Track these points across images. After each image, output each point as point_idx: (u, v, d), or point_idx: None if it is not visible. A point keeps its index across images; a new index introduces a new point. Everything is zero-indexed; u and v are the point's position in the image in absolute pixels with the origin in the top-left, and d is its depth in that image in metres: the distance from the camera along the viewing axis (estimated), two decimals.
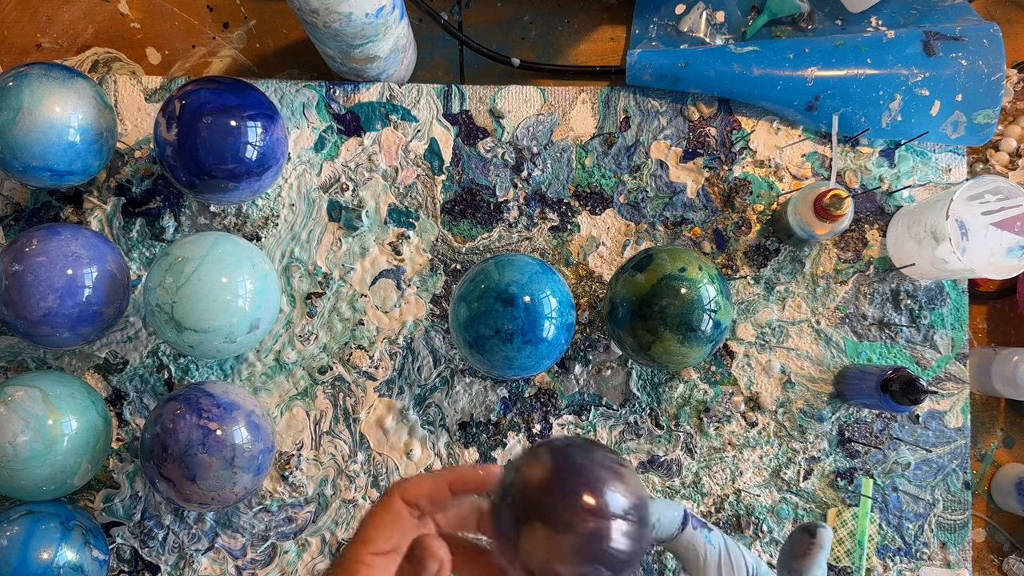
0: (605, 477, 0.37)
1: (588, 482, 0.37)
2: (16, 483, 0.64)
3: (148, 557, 0.74)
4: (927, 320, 0.76)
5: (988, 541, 0.77)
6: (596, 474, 0.37)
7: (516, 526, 0.37)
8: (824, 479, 0.75)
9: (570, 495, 0.36)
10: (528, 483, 0.38)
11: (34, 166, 0.67)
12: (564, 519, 0.36)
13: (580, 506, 0.36)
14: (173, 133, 0.65)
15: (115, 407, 0.75)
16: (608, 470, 0.37)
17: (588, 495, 0.36)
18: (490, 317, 0.63)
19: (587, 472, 0.37)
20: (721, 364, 0.76)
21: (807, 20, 0.79)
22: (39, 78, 0.66)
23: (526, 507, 0.37)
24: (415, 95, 0.77)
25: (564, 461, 0.38)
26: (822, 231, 0.69)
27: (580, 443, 0.39)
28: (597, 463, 0.38)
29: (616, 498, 0.36)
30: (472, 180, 0.77)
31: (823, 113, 0.75)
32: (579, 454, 0.38)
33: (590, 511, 0.36)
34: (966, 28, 0.75)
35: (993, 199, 0.69)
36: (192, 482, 0.64)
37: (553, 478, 0.37)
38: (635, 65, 0.76)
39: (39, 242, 0.65)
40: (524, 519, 0.37)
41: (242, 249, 0.67)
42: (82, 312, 0.65)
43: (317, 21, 0.63)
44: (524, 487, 0.38)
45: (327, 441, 0.75)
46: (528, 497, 0.37)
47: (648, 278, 0.64)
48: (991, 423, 0.78)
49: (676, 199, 0.77)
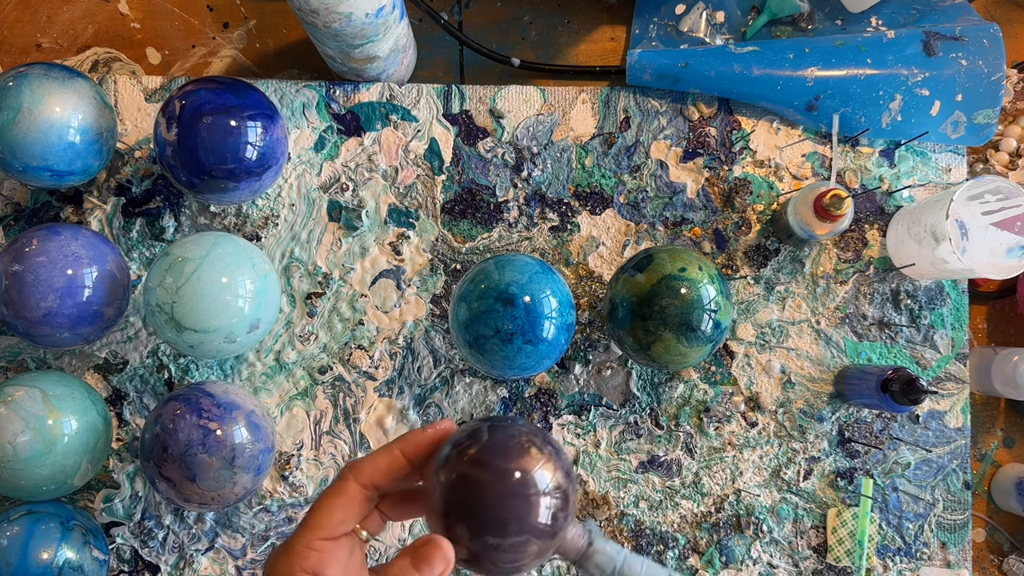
0: (532, 454, 0.39)
1: (516, 459, 0.38)
2: (16, 483, 0.64)
3: (148, 557, 0.74)
4: (927, 320, 0.76)
5: (988, 541, 0.77)
6: (523, 451, 0.39)
7: (446, 503, 0.38)
8: (824, 479, 0.75)
9: (500, 472, 0.38)
10: (460, 460, 0.39)
11: (34, 166, 0.67)
12: (494, 496, 0.37)
13: (510, 484, 0.38)
14: (173, 133, 0.65)
15: (115, 407, 0.75)
16: (530, 446, 0.39)
17: (517, 471, 0.38)
18: (490, 317, 0.63)
19: (515, 450, 0.39)
20: (721, 364, 0.76)
21: (807, 20, 0.79)
22: (39, 78, 0.66)
23: (458, 484, 0.38)
24: (415, 95, 0.77)
25: (492, 438, 0.39)
26: (822, 231, 0.69)
27: (506, 422, 0.41)
28: (521, 440, 0.39)
29: (543, 475, 0.38)
30: (472, 180, 0.77)
31: (823, 113, 0.75)
32: (504, 431, 0.39)
33: (518, 488, 0.38)
34: (966, 28, 0.75)
35: (993, 199, 0.69)
36: (192, 482, 0.64)
37: (483, 456, 0.38)
38: (635, 65, 0.76)
39: (39, 242, 0.65)
40: (456, 500, 0.38)
41: (242, 249, 0.67)
42: (82, 312, 0.65)
43: (317, 21, 0.63)
44: (456, 464, 0.39)
45: (327, 441, 0.75)
46: (460, 475, 0.38)
47: (648, 278, 0.64)
48: (991, 423, 0.78)
49: (676, 199, 0.77)
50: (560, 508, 0.38)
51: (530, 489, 0.37)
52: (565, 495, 0.39)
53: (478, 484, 0.37)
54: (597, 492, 0.75)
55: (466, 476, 0.38)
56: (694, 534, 0.75)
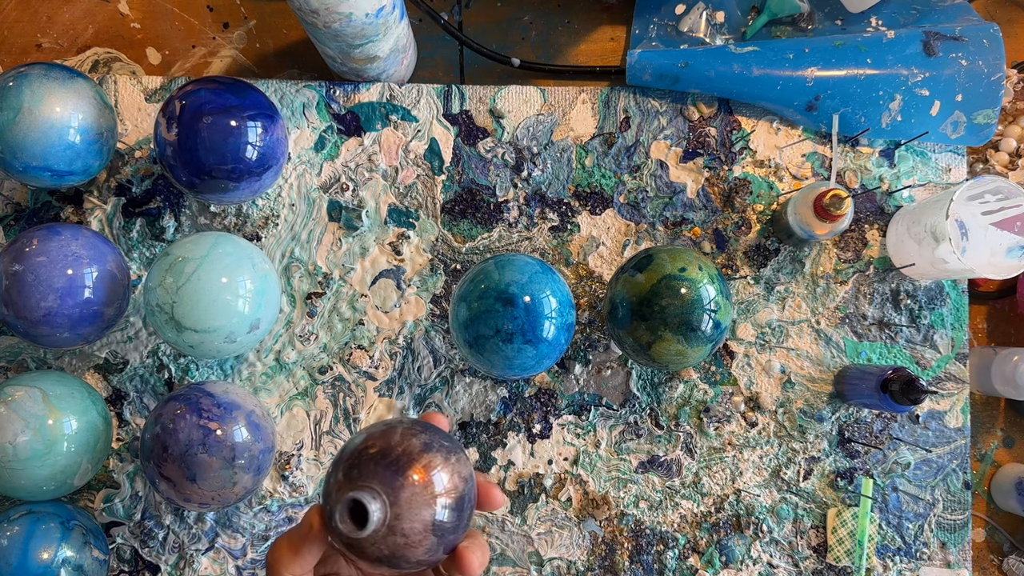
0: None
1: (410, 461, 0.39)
2: (16, 483, 0.64)
3: (148, 557, 0.74)
4: (927, 320, 0.76)
5: (988, 541, 0.77)
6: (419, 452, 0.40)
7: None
8: (824, 479, 0.75)
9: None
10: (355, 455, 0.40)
11: (34, 166, 0.67)
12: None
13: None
14: (173, 133, 0.65)
15: (115, 407, 0.75)
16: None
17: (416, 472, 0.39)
18: (490, 317, 0.63)
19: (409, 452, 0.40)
20: (721, 364, 0.76)
21: (807, 20, 0.79)
22: (39, 78, 0.66)
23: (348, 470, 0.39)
24: (415, 95, 0.77)
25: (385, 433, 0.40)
26: (822, 231, 0.69)
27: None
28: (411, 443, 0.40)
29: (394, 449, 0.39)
30: (472, 180, 0.77)
31: (823, 113, 0.75)
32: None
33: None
34: (966, 28, 0.75)
35: (993, 199, 0.69)
36: (192, 482, 0.64)
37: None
38: (635, 65, 0.76)
39: (39, 242, 0.65)
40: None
41: (242, 249, 0.67)
42: (82, 312, 0.65)
43: (317, 21, 0.63)
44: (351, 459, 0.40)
45: (327, 441, 0.75)
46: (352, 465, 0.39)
47: (648, 278, 0.64)
48: (991, 423, 0.78)
49: (676, 199, 0.77)
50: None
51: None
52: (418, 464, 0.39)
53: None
54: (597, 492, 0.75)
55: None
56: (694, 534, 0.75)
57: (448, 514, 0.39)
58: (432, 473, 0.39)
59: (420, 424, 0.41)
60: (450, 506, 0.39)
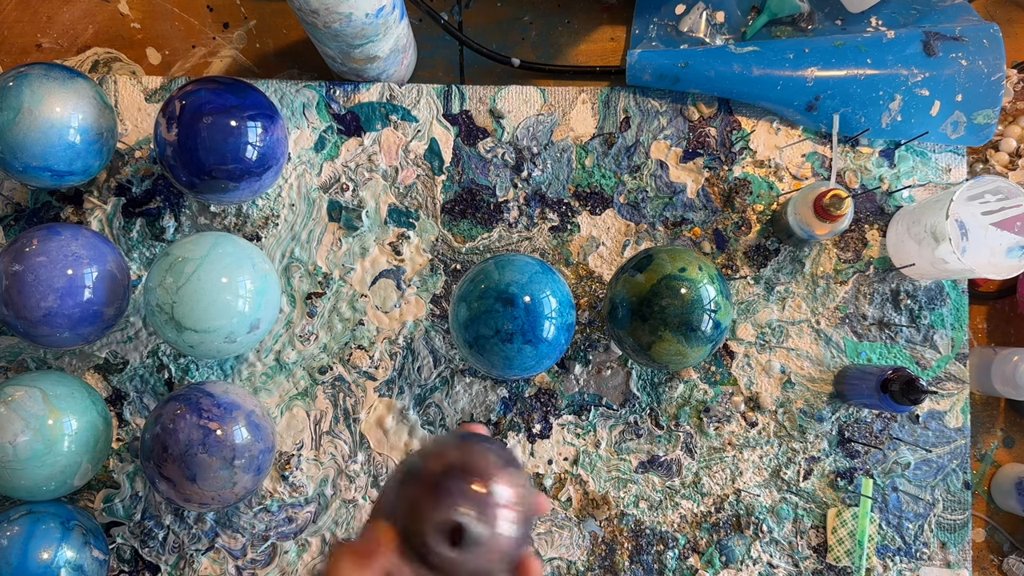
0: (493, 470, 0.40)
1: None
2: (16, 483, 0.64)
3: (148, 557, 0.74)
4: (927, 320, 0.76)
5: (988, 541, 0.77)
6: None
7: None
8: (824, 479, 0.75)
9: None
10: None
11: (34, 166, 0.67)
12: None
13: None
14: (173, 133, 0.65)
15: (115, 407, 0.75)
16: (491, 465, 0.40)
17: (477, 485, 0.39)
18: (490, 317, 0.63)
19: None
20: (721, 364, 0.76)
21: (807, 20, 0.79)
22: (39, 78, 0.66)
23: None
24: (415, 95, 0.77)
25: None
26: (822, 231, 0.69)
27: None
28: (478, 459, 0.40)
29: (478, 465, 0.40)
30: (472, 180, 0.77)
31: (823, 113, 0.75)
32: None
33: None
34: (966, 28, 0.75)
35: (993, 199, 0.69)
36: (192, 482, 0.64)
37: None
38: (635, 65, 0.76)
39: (39, 242, 0.65)
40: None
41: (242, 249, 0.67)
42: (82, 312, 0.65)
43: (317, 21, 0.63)
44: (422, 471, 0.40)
45: (327, 441, 0.75)
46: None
47: (648, 278, 0.64)
48: (991, 423, 0.78)
49: (676, 199, 0.77)
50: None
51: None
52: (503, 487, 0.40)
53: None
54: (597, 492, 0.75)
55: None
56: (694, 534, 0.75)
57: (525, 528, 0.39)
58: (515, 489, 0.39)
59: (486, 439, 0.41)
60: (525, 519, 0.39)
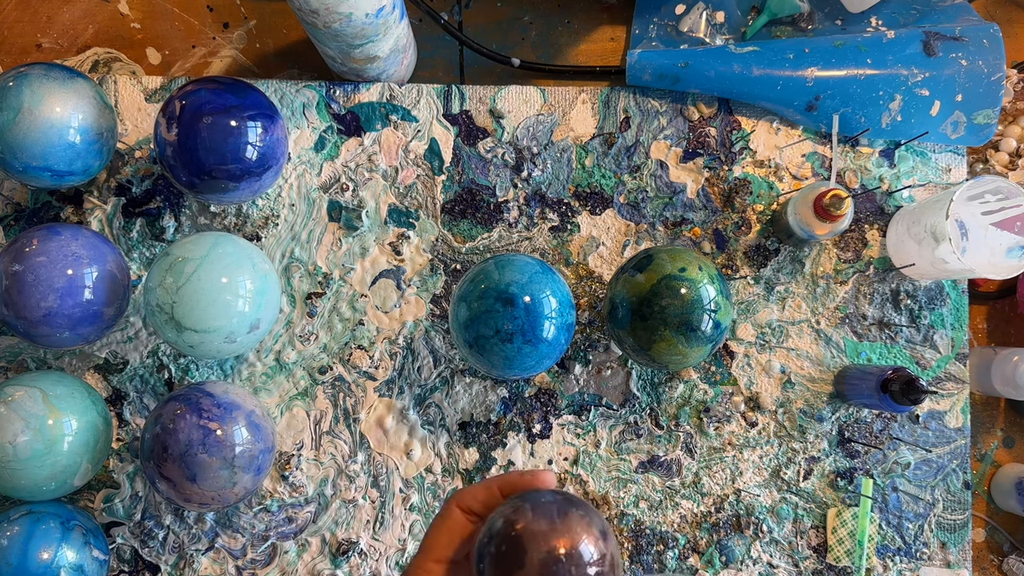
0: (579, 532, 0.39)
1: (564, 537, 0.38)
2: (16, 483, 0.64)
3: (148, 557, 0.74)
4: (927, 320, 0.76)
5: (988, 541, 0.77)
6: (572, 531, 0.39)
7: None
8: (824, 479, 0.75)
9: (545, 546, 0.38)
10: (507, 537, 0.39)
11: (34, 166, 0.67)
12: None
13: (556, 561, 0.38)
14: (173, 133, 0.65)
15: (115, 407, 0.75)
16: (582, 524, 0.39)
17: (563, 549, 0.38)
18: (490, 317, 0.63)
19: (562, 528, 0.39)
20: (721, 364, 0.76)
21: (807, 20, 0.79)
22: (39, 78, 0.66)
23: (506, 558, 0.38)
24: (415, 95, 0.77)
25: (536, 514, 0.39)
26: (822, 231, 0.69)
27: (564, 499, 0.41)
28: (573, 519, 0.39)
29: (588, 550, 0.38)
30: (472, 180, 0.77)
31: (823, 113, 0.75)
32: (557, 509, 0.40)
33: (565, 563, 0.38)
34: (966, 28, 0.75)
35: (993, 199, 0.69)
36: (192, 482, 0.64)
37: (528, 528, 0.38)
38: (635, 65, 0.76)
39: (39, 242, 0.65)
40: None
41: (242, 249, 0.67)
42: (82, 312, 0.65)
43: (317, 21, 0.63)
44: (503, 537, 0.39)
45: (327, 441, 0.75)
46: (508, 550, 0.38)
47: (648, 278, 0.64)
48: (991, 423, 0.78)
49: (676, 199, 0.77)
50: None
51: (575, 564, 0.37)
52: (611, 563, 0.39)
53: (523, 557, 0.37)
54: (597, 492, 0.75)
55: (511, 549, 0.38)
56: (694, 534, 0.75)
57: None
58: (615, 555, 0.39)
59: (582, 504, 0.40)
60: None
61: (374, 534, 0.74)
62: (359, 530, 0.74)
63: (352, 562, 0.74)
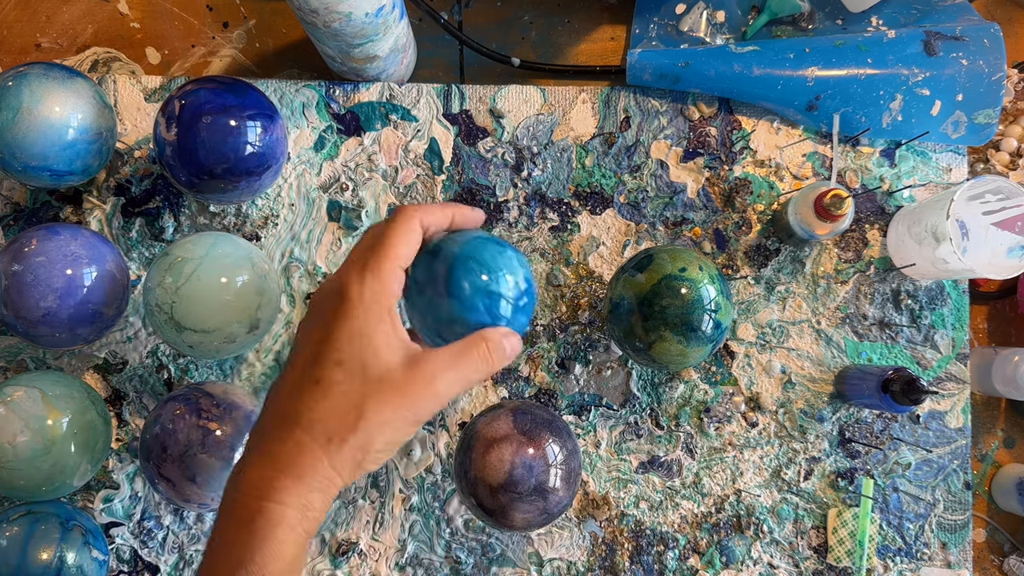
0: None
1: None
2: (15, 483, 0.64)
3: (148, 557, 0.74)
4: (927, 320, 0.76)
5: (988, 541, 0.77)
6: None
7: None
8: (825, 479, 0.75)
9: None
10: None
11: (33, 166, 0.67)
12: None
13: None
14: (173, 133, 0.65)
15: (115, 407, 0.75)
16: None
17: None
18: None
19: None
20: (721, 364, 0.76)
21: (807, 20, 0.79)
22: (38, 78, 0.66)
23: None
24: (415, 95, 0.77)
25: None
26: (822, 231, 0.69)
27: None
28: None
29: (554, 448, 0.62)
30: (472, 180, 0.77)
31: (823, 113, 0.75)
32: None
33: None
34: (967, 28, 0.75)
35: (994, 199, 0.69)
36: (192, 482, 0.64)
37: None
38: (635, 65, 0.76)
39: (38, 242, 0.65)
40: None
41: (242, 249, 0.67)
42: (82, 312, 0.65)
43: (317, 21, 0.63)
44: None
45: None
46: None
47: (648, 278, 0.64)
48: (992, 423, 0.78)
49: (676, 199, 0.77)
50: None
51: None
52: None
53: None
54: (597, 492, 0.75)
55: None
56: (694, 534, 0.74)
57: None
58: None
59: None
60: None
61: (374, 535, 0.74)
62: (359, 531, 0.74)
63: (352, 562, 0.74)
